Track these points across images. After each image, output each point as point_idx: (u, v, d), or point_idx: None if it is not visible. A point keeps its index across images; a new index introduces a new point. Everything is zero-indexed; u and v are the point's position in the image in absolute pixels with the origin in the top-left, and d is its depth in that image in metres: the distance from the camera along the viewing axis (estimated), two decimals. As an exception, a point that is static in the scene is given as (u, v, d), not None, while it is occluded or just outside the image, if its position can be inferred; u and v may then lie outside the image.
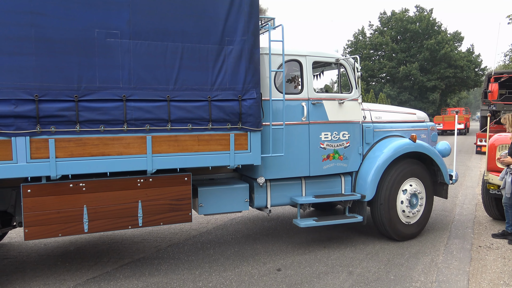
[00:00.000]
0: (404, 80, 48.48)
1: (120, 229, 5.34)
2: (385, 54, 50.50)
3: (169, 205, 5.30)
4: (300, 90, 6.09)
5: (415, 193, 6.61)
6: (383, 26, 51.78)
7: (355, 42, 52.58)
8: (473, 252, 6.25)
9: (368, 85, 49.29)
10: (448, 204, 9.31)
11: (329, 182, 6.44)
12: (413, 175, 6.65)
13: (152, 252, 6.38)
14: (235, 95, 5.36)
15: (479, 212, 8.67)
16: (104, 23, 4.77)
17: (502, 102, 18.87)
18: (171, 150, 5.13)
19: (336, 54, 6.46)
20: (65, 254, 6.32)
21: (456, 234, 7.12)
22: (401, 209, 6.54)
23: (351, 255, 6.14)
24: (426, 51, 47.27)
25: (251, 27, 5.41)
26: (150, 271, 5.63)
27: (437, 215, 8.35)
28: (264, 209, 6.19)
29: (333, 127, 6.24)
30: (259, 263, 5.89)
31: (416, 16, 49.66)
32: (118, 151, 4.90)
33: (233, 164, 5.42)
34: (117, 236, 7.15)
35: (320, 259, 6.01)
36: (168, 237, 7.11)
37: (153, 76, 5.01)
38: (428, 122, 7.74)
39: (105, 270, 5.65)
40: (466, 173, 14.41)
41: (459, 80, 48.95)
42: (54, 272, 5.59)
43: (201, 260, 6.00)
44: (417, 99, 48.94)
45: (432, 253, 6.20)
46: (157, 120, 5.03)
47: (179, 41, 5.10)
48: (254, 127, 5.45)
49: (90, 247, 6.63)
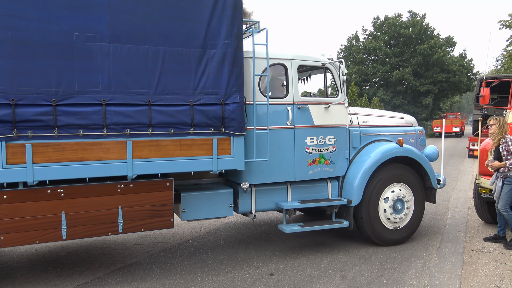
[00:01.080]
0: (398, 84, 48.55)
1: (100, 236, 5.26)
2: (378, 59, 50.56)
3: (151, 211, 5.21)
4: (285, 94, 6.02)
5: (400, 198, 6.54)
6: (376, 30, 51.86)
7: (348, 46, 52.62)
8: (465, 256, 6.26)
9: (361, 89, 49.25)
10: (441, 208, 9.34)
11: (315, 187, 6.36)
12: (399, 180, 6.58)
13: (144, 257, 6.34)
14: (218, 99, 5.29)
15: (471, 215, 8.70)
16: (84, 26, 4.69)
17: (493, 106, 18.93)
18: (152, 155, 5.05)
19: (322, 57, 6.40)
20: (56, 259, 6.25)
21: (449, 238, 7.13)
22: (383, 214, 6.48)
23: (344, 259, 6.12)
24: (419, 55, 47.38)
25: (234, 30, 5.35)
26: (142, 276, 5.58)
27: (429, 219, 8.36)
28: (249, 214, 6.11)
29: (319, 132, 6.17)
30: (252, 267, 5.85)
31: (409, 21, 49.76)
32: (98, 156, 4.81)
33: (216, 169, 5.34)
34: (109, 241, 7.08)
35: (313, 263, 5.98)
36: (160, 242, 7.06)
37: (134, 80, 4.93)
38: (417, 126, 7.67)
39: (96, 276, 5.59)
40: (458, 177, 14.48)
41: (451, 85, 49.08)
42: (45, 278, 5.52)
43: (194, 265, 5.96)
44: (410, 104, 49.00)
45: (424, 257, 6.19)
46: (138, 125, 4.94)
47: (160, 44, 5.02)
48: (237, 132, 5.38)
49: (82, 252, 6.57)
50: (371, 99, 42.48)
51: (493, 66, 45.62)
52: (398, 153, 6.54)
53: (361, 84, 49.94)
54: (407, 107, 48.47)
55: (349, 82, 45.74)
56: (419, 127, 7.67)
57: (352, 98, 36.74)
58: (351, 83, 39.06)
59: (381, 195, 6.47)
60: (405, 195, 6.59)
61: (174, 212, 5.99)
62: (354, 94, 37.15)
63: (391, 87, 49.08)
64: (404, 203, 6.58)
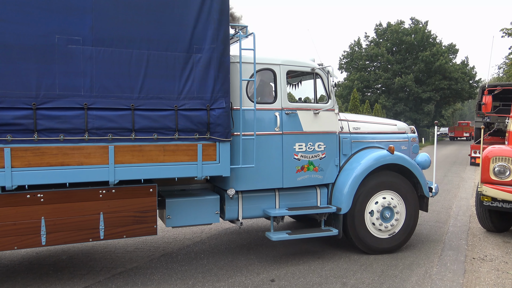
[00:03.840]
0: (400, 91, 48.46)
1: (80, 242, 5.16)
2: (380, 65, 50.51)
3: (133, 218, 5.12)
4: (273, 99, 5.94)
5: (388, 206, 6.42)
6: (378, 37, 51.86)
7: (351, 53, 52.63)
8: (467, 264, 6.20)
9: (363, 95, 49.17)
10: (442, 216, 9.28)
11: (304, 194, 6.26)
12: (388, 188, 6.47)
13: (145, 261, 6.29)
14: (203, 104, 5.21)
15: (473, 223, 8.63)
16: (66, 29, 4.63)
17: (496, 114, 18.86)
18: (135, 160, 4.96)
19: (312, 63, 6.31)
20: (57, 263, 6.22)
21: (450, 246, 7.05)
22: (370, 222, 6.37)
23: (345, 266, 6.05)
24: (421, 62, 47.33)
25: (220, 35, 5.28)
26: (143, 280, 5.53)
27: (431, 227, 8.31)
28: (235, 221, 6.01)
29: (308, 138, 6.08)
30: (253, 273, 5.80)
31: (411, 28, 49.76)
32: (79, 161, 4.73)
33: (200, 175, 5.26)
34: (110, 245, 7.05)
35: (314, 270, 5.92)
36: (161, 247, 7.01)
37: (117, 84, 4.85)
38: (410, 133, 7.56)
39: (97, 280, 5.55)
40: (460, 184, 14.39)
41: (453, 92, 48.98)
42: (45, 282, 5.48)
43: (195, 270, 5.91)
44: (412, 110, 48.88)
45: (426, 265, 6.13)
46: (120, 129, 4.87)
47: (144, 48, 4.95)
48: (223, 137, 5.30)
49: (83, 256, 6.53)
50: (373, 106, 42.39)
51: (495, 74, 45.57)
52: (388, 160, 6.43)
53: (363, 91, 49.86)
54: (409, 114, 48.36)
55: (351, 88, 45.73)
56: (412, 134, 7.56)
57: (354, 105, 36.67)
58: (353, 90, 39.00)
59: (368, 202, 6.36)
60: (394, 203, 6.47)
61: (159, 218, 5.93)
62: (356, 100, 37.05)
63: (393, 94, 49.00)
64: (393, 211, 6.47)
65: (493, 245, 7.15)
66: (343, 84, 51.26)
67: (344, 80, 52.57)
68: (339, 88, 52.19)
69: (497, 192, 7.05)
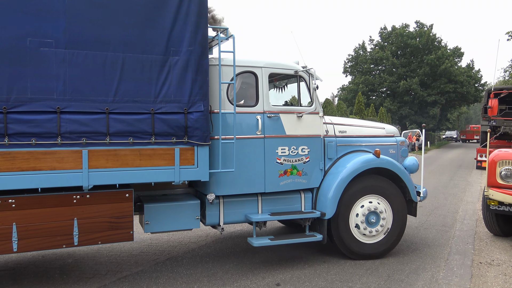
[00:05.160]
0: (405, 94, 48.27)
1: (54, 248, 5.08)
2: (385, 69, 50.41)
3: (109, 223, 5.02)
4: (255, 102, 5.84)
5: (374, 210, 6.29)
6: (383, 41, 51.75)
7: (355, 56, 52.52)
8: (474, 269, 6.13)
9: (368, 99, 49.02)
10: (449, 220, 9.19)
11: (288, 199, 6.14)
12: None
13: (150, 265, 6.26)
14: (180, 108, 5.12)
15: (479, 228, 8.54)
16: (38, 32, 4.55)
17: (502, 117, 18.70)
18: (109, 165, 4.87)
19: (296, 65, 6.20)
20: (63, 266, 6.21)
21: (457, 250, 6.97)
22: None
23: (351, 270, 5.98)
24: (426, 66, 47.14)
25: (198, 37, 5.18)
26: (149, 284, 5.49)
27: (437, 231, 8.23)
28: (217, 227, 5.90)
29: (291, 142, 5.97)
30: (258, 277, 5.74)
31: (416, 32, 49.62)
32: (51, 166, 4.64)
33: (178, 180, 5.16)
34: (116, 248, 7.04)
35: (320, 274, 5.85)
36: (166, 250, 6.98)
37: (91, 87, 4.77)
38: (398, 137, 7.43)
39: (103, 283, 5.53)
40: (466, 188, 14.28)
41: (459, 95, 48.73)
42: (51, 285, 5.47)
43: (200, 274, 5.86)
44: (417, 114, 48.64)
45: (432, 269, 6.06)
46: (94, 134, 4.78)
47: (120, 51, 4.87)
48: (201, 141, 5.20)
49: (88, 259, 6.53)
50: (378, 109, 42.23)
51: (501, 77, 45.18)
52: (374, 164, 6.29)
53: (367, 94, 49.75)
54: (414, 117, 48.13)
55: (356, 91, 45.58)
56: (400, 137, 7.42)
57: (358, 108, 36.55)
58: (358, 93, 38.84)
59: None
60: (380, 208, 6.34)
61: (140, 223, 5.84)
62: (361, 104, 36.94)
63: (398, 97, 48.82)
64: (379, 216, 6.33)
65: (500, 250, 7.06)
66: (348, 88, 51.17)
67: (348, 84, 52.46)
68: (343, 92, 52.07)
69: (504, 196, 6.99)
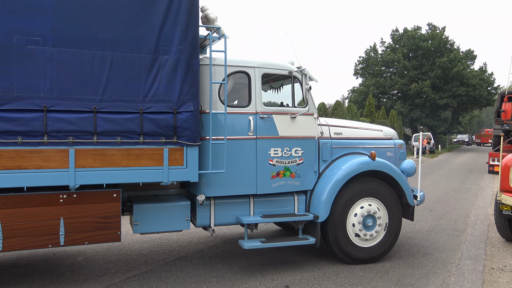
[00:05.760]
0: (416, 97, 47.79)
1: (40, 248, 5.05)
2: (396, 71, 49.92)
3: (96, 223, 4.98)
4: (247, 103, 5.76)
5: (371, 214, 6.18)
6: (395, 43, 51.30)
7: (366, 58, 52.15)
8: (486, 274, 6.07)
9: (379, 101, 48.62)
10: (460, 224, 9.11)
11: (281, 201, 6.06)
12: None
13: (160, 264, 6.31)
14: (169, 108, 5.06)
15: (491, 233, 8.45)
16: (25, 30, 4.53)
17: None
18: (97, 164, 4.83)
19: (290, 66, 6.11)
20: (73, 264, 6.29)
21: (468, 255, 6.90)
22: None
23: (361, 274, 5.94)
24: (438, 69, 46.58)
25: (188, 36, 5.13)
26: (158, 284, 5.53)
27: (448, 235, 8.16)
28: (208, 228, 5.83)
29: (284, 143, 5.88)
30: (267, 279, 5.73)
31: (428, 34, 49.06)
32: (37, 165, 4.61)
33: (166, 180, 5.10)
34: (126, 247, 7.13)
35: (329, 276, 5.83)
36: (176, 250, 7.03)
37: (79, 86, 4.74)
38: (397, 139, 7.29)
39: (112, 282, 5.59)
40: (478, 192, 14.17)
41: (471, 99, 48.05)
42: (62, 282, 5.54)
43: (209, 274, 5.89)
44: (429, 117, 48.12)
45: (443, 274, 6.00)
46: (81, 133, 4.74)
47: (108, 49, 4.83)
48: (190, 142, 5.14)
49: (99, 257, 6.61)
50: (388, 112, 41.88)
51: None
52: (369, 167, 6.19)
53: (378, 97, 49.33)
54: (425, 120, 47.64)
55: (366, 94, 45.25)
56: (398, 140, 7.28)
57: (369, 111, 36.26)
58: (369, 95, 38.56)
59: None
60: (377, 211, 6.23)
61: (130, 223, 5.79)
62: (371, 106, 36.63)
63: (409, 100, 48.36)
64: (376, 219, 6.22)
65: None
66: (359, 90, 50.81)
67: (359, 86, 52.11)
68: (354, 94, 51.72)
69: None
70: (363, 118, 33.15)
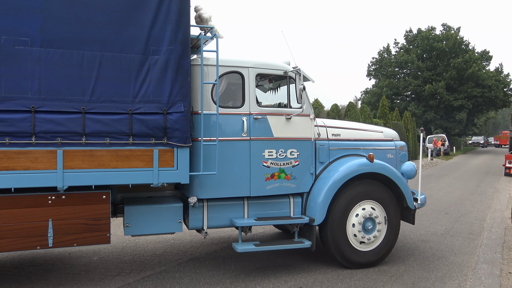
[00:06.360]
0: (430, 98, 47.23)
1: (27, 250, 5.00)
2: (410, 72, 49.43)
3: (84, 225, 4.93)
4: (241, 103, 5.67)
5: (370, 217, 6.05)
6: (408, 44, 50.81)
7: (379, 59, 51.74)
8: (503, 279, 5.92)
9: (392, 103, 48.14)
10: (476, 227, 8.92)
11: (276, 204, 5.95)
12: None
13: (173, 265, 6.34)
14: (159, 108, 5.00)
15: (508, 236, 8.28)
16: (13, 30, 4.51)
17: None
18: (85, 165, 4.78)
19: (285, 66, 6.00)
20: (88, 263, 6.38)
21: (484, 259, 6.75)
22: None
23: (375, 277, 5.87)
24: (453, 70, 46.00)
25: (179, 36, 5.06)
26: (172, 284, 5.55)
27: (464, 238, 8.02)
28: (201, 231, 5.75)
29: (279, 144, 5.78)
30: (281, 280, 5.71)
31: (442, 35, 48.51)
32: (25, 166, 4.58)
33: (156, 182, 5.03)
34: (140, 247, 7.23)
35: (343, 279, 5.77)
36: (189, 251, 7.06)
37: (67, 87, 4.70)
38: (398, 141, 7.13)
39: (127, 282, 5.63)
40: (494, 195, 13.91)
41: (487, 100, 47.32)
42: (77, 281, 5.63)
43: (222, 275, 5.89)
44: (443, 118, 47.52)
45: (459, 278, 5.88)
46: (70, 134, 4.70)
47: (97, 49, 4.79)
48: (181, 143, 5.07)
49: (113, 257, 6.68)
50: (402, 113, 41.45)
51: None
52: (366, 169, 6.04)
53: (392, 98, 48.86)
54: (440, 122, 47.09)
55: (380, 95, 44.83)
56: (400, 142, 7.11)
57: (382, 112, 35.89)
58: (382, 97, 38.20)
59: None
60: (377, 214, 6.10)
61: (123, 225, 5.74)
62: (385, 107, 36.26)
63: (423, 101, 47.85)
64: (375, 222, 6.09)
65: (530, 260, 6.82)
66: (372, 91, 50.42)
67: (372, 87, 51.71)
68: (367, 95, 51.32)
69: None
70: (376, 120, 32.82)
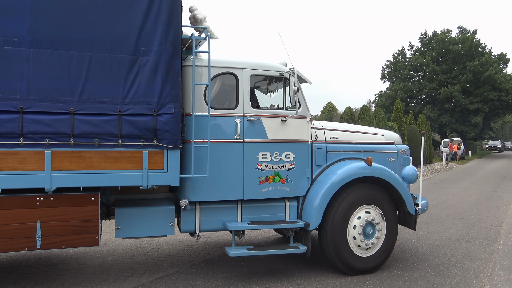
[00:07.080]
0: (445, 102, 46.63)
1: (15, 251, 4.98)
2: (425, 75, 48.88)
3: (73, 227, 4.88)
4: (235, 105, 5.58)
5: (371, 221, 5.91)
6: (423, 46, 50.28)
7: (394, 62, 51.28)
8: None
9: (407, 106, 47.63)
10: (492, 233, 8.77)
11: (271, 207, 5.83)
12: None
13: (186, 266, 6.37)
14: (149, 109, 4.93)
15: None
16: (1, 30, 4.48)
17: None
18: (73, 167, 4.73)
19: (281, 67, 5.89)
20: (102, 264, 6.46)
21: (501, 266, 6.59)
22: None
23: (389, 282, 5.78)
24: (469, 73, 45.37)
25: (169, 36, 4.99)
26: (185, 286, 5.58)
27: (480, 244, 7.89)
28: (193, 234, 5.66)
29: (273, 147, 5.67)
30: (293, 283, 5.66)
31: (458, 37, 47.90)
32: (12, 167, 4.55)
33: (146, 184, 4.96)
34: (153, 249, 7.30)
35: (356, 283, 5.70)
36: (202, 253, 7.09)
37: (56, 87, 4.65)
38: (400, 144, 6.95)
39: (140, 282, 5.67)
40: (511, 200, 13.59)
41: (503, 104, 46.58)
42: (92, 281, 5.68)
43: (235, 278, 5.88)
44: (459, 122, 46.87)
45: (475, 284, 5.76)
46: (58, 135, 4.65)
47: (86, 50, 4.74)
48: (171, 145, 4.99)
49: (127, 258, 6.75)
50: (417, 117, 40.98)
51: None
52: (364, 173, 5.89)
53: (406, 101, 48.36)
54: (455, 125, 46.47)
55: (394, 98, 44.40)
56: (402, 145, 6.93)
57: (397, 115, 35.51)
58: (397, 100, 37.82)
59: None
60: (377, 219, 5.95)
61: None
62: (399, 111, 35.87)
63: (438, 105, 47.26)
64: (375, 227, 5.95)
65: (548, 267, 6.65)
66: (386, 94, 49.98)
67: (386, 90, 51.25)
68: (381, 98, 50.87)
69: None
70: (391, 123, 32.46)
